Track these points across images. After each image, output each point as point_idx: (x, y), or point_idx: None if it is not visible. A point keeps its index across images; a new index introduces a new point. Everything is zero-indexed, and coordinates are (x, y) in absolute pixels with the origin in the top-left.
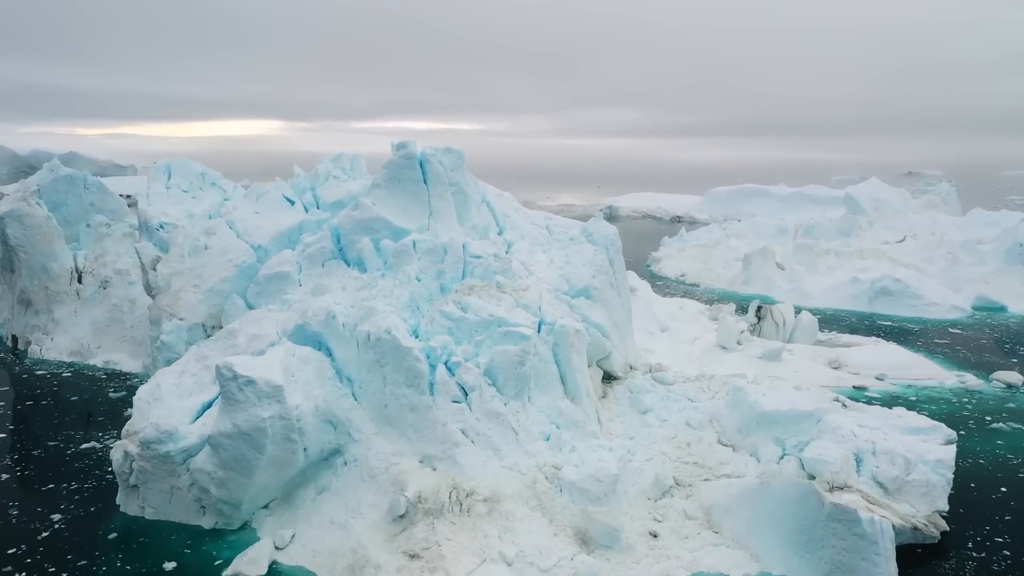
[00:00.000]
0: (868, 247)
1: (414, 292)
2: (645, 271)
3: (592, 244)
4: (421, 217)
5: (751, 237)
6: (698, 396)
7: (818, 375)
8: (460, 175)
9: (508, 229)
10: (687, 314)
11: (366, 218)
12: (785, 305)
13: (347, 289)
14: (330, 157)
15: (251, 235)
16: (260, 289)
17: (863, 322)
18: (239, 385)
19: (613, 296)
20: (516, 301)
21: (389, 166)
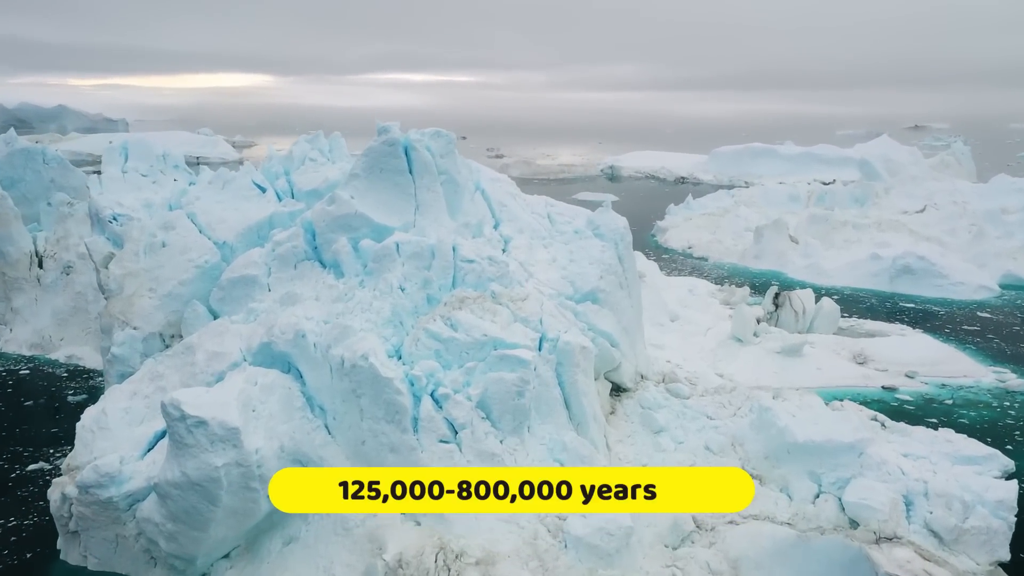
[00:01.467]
0: (886, 218)
1: (397, 305)
2: (650, 241)
3: (599, 239)
4: (406, 212)
5: (761, 205)
6: (718, 413)
7: (843, 372)
8: (451, 161)
9: (505, 221)
10: (698, 300)
11: (343, 214)
12: (805, 292)
13: (320, 300)
14: (306, 137)
15: (215, 230)
16: (224, 294)
17: (884, 304)
18: (188, 427)
19: (623, 298)
20: (514, 314)
21: (369, 154)
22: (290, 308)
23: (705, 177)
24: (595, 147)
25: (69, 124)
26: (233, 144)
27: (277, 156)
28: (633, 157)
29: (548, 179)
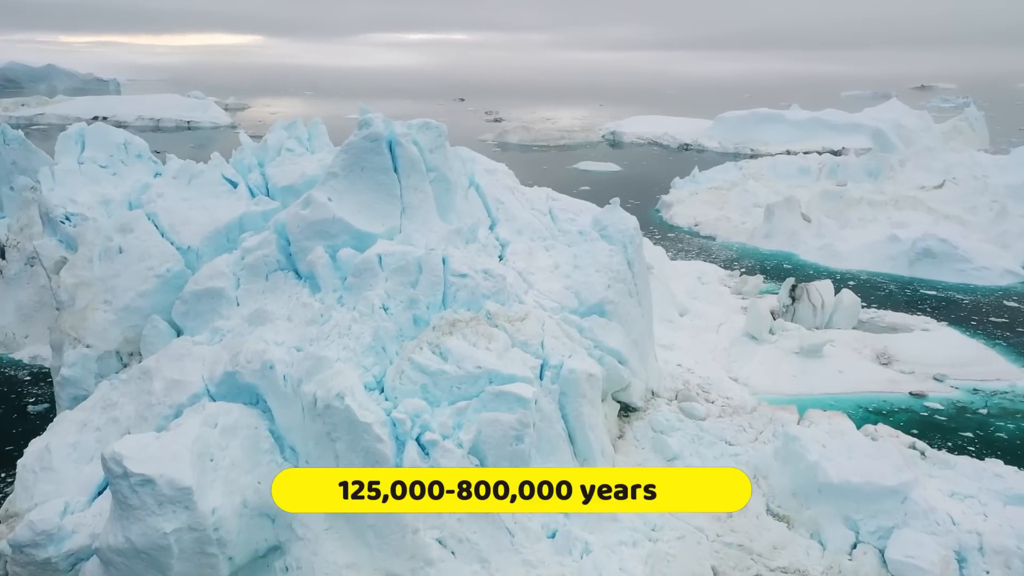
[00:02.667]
0: (903, 193)
1: (379, 328)
2: (655, 217)
3: (606, 241)
4: (391, 216)
5: (770, 178)
6: (737, 437)
7: (866, 376)
8: (441, 156)
9: (502, 221)
10: (708, 290)
11: (319, 220)
12: (823, 283)
13: (293, 320)
14: (282, 123)
15: (179, 233)
16: (187, 308)
17: (904, 290)
18: (132, 486)
19: (632, 308)
20: (511, 337)
21: (349, 150)
22: (259, 329)
23: (710, 144)
24: (596, 110)
25: (59, 84)
26: (226, 107)
27: (250, 146)
28: (635, 122)
29: (548, 146)
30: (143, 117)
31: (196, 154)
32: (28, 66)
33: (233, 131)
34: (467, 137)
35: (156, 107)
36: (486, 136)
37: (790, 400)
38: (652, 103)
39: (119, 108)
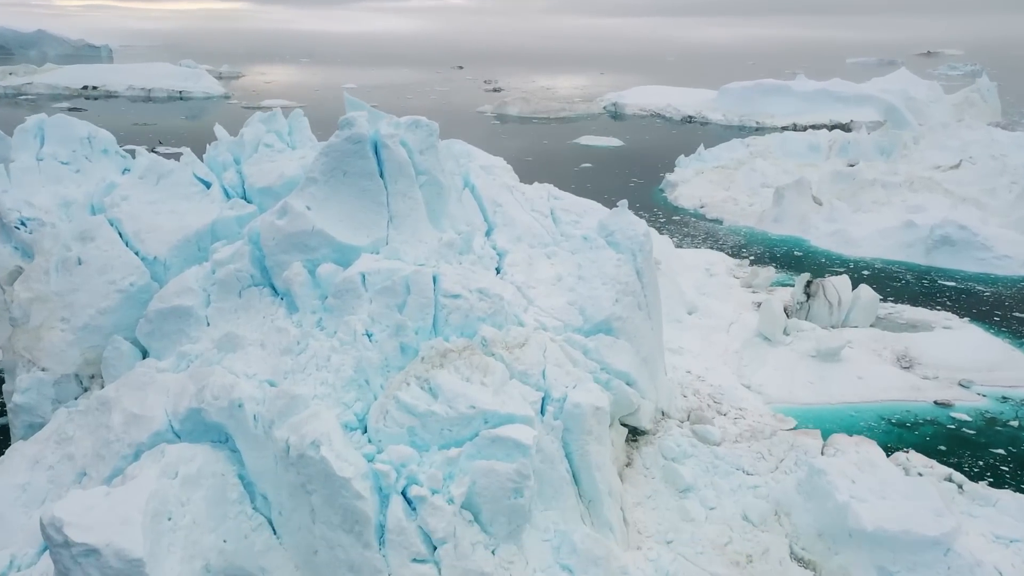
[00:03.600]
0: (918, 174)
1: (361, 358)
2: (658, 198)
3: (613, 248)
4: (376, 226)
5: (778, 156)
6: (756, 466)
7: (887, 382)
8: (432, 157)
9: (500, 227)
10: (717, 283)
11: (297, 232)
12: (840, 279)
13: (267, 347)
14: (260, 116)
15: (144, 241)
16: (152, 328)
17: (921, 281)
18: (74, 556)
19: (642, 322)
20: (509, 367)
21: (329, 152)
22: (229, 357)
23: (714, 116)
24: (596, 78)
25: (49, 51)
26: (219, 75)
27: (226, 140)
28: (637, 93)
29: (548, 118)
30: (134, 87)
31: (188, 126)
32: (18, 31)
33: (226, 101)
34: (465, 108)
35: (147, 76)
36: (485, 107)
37: (807, 410)
38: (653, 71)
39: (109, 77)
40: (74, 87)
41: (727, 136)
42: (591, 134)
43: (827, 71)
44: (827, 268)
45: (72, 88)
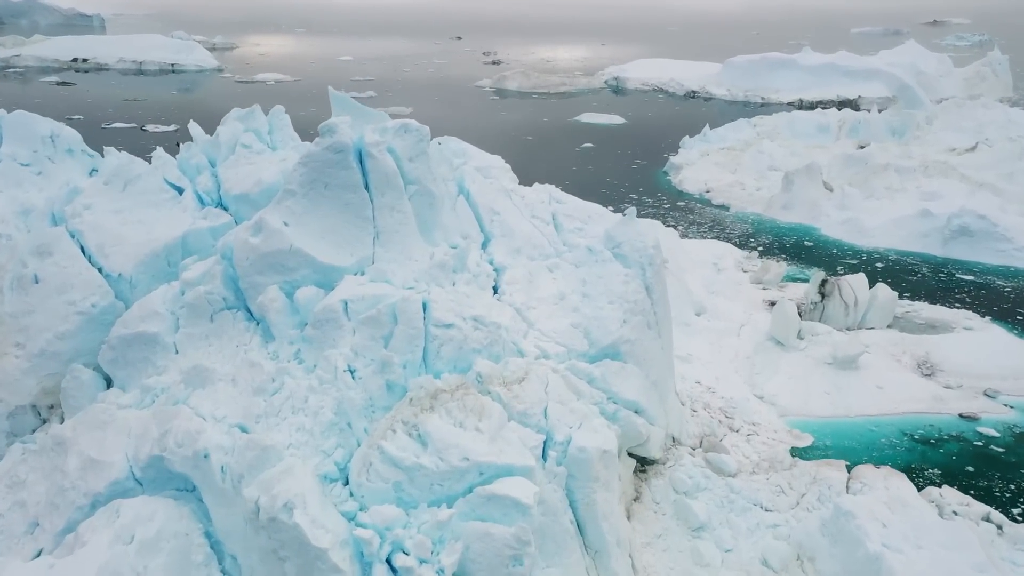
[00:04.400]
0: (932, 158)
1: (343, 399)
2: (662, 181)
3: (620, 262)
4: (361, 243)
5: (786, 137)
6: (775, 502)
7: (908, 392)
8: (423, 165)
9: (497, 237)
10: (726, 279)
11: (273, 251)
12: (856, 278)
13: (238, 384)
14: (237, 113)
15: (108, 256)
16: (115, 356)
17: (938, 275)
18: None
19: (651, 342)
20: (507, 407)
21: (309, 162)
22: (196, 393)
23: (718, 91)
24: (597, 49)
25: (40, 20)
26: (212, 47)
27: (201, 140)
28: (639, 67)
29: (548, 93)
30: (125, 60)
31: (179, 102)
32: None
33: (219, 75)
34: (464, 82)
35: (139, 49)
36: (484, 82)
37: (823, 424)
38: (656, 41)
39: (100, 50)
40: (64, 59)
41: (731, 112)
42: (592, 111)
43: (833, 42)
44: (839, 260)
45: (62, 61)
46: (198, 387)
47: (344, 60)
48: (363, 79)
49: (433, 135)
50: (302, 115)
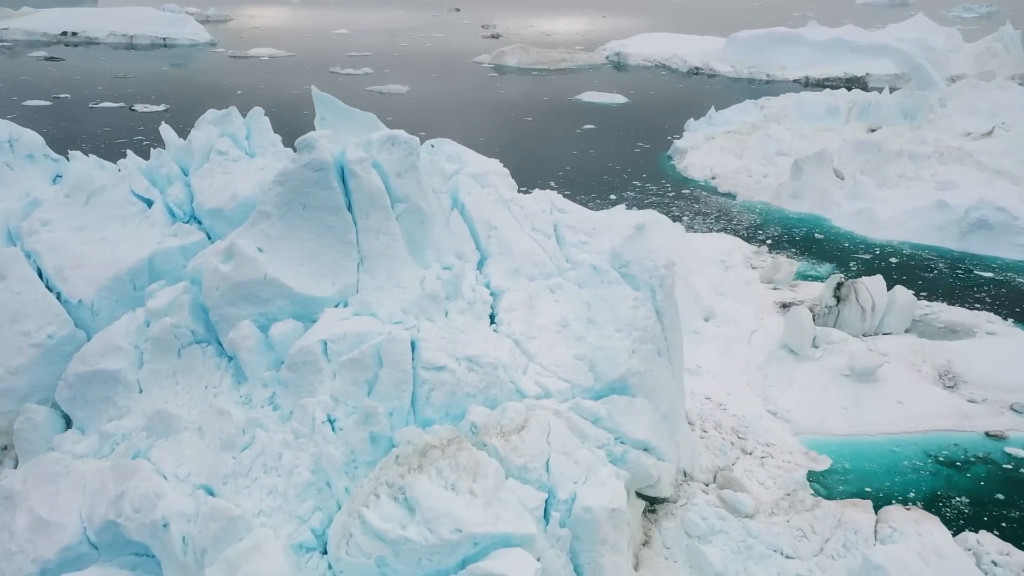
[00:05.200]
0: (947, 143)
1: (321, 456)
2: (666, 167)
3: (629, 284)
4: (344, 270)
5: (794, 119)
6: (796, 548)
7: (930, 407)
8: (413, 180)
9: (494, 255)
10: (736, 278)
11: (246, 280)
12: (874, 280)
13: (206, 436)
14: (212, 116)
15: (68, 280)
16: (73, 395)
17: (955, 270)
18: None
19: (662, 371)
20: (505, 462)
21: (285, 181)
22: (160, 443)
23: (722, 68)
24: (598, 22)
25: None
26: (206, 19)
27: (173, 145)
28: (641, 42)
29: (548, 69)
30: (115, 33)
31: (170, 79)
32: None
33: (212, 49)
34: (462, 58)
35: (130, 22)
36: (482, 57)
37: (842, 444)
38: (657, 13)
39: (90, 23)
40: (53, 33)
41: (736, 90)
42: (593, 89)
43: (838, 14)
44: (851, 254)
45: (51, 34)
46: (161, 436)
47: (340, 33)
48: (359, 54)
49: (430, 117)
50: (295, 94)
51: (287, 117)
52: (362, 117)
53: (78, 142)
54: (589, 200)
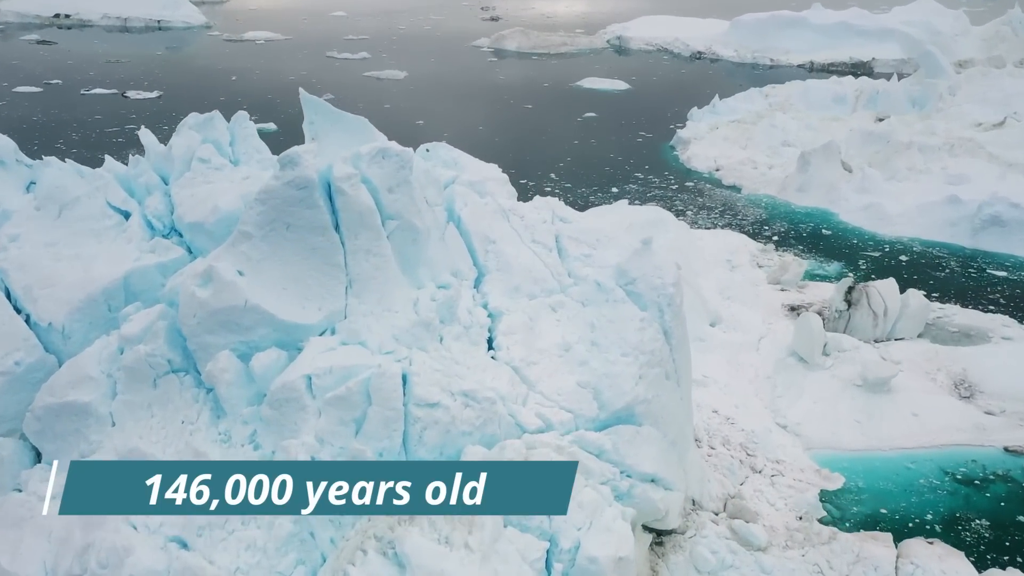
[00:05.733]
0: (958, 134)
1: None
2: (669, 157)
3: (635, 303)
4: (332, 295)
5: (800, 108)
6: None
7: (946, 419)
8: (406, 195)
9: (493, 272)
10: (742, 279)
11: (225, 307)
12: (886, 284)
13: None
14: (194, 120)
15: (37, 301)
16: (42, 427)
17: (968, 269)
18: None
19: (670, 395)
20: None
21: (267, 199)
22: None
23: (725, 52)
24: (599, 3)
25: None
26: (201, 2)
27: (153, 152)
28: (643, 25)
29: (548, 54)
30: (109, 16)
31: (165, 63)
32: None
33: (207, 32)
34: (461, 41)
35: (123, 4)
36: (482, 41)
37: (854, 460)
38: None
39: (82, 5)
40: (45, 15)
41: (739, 75)
42: (594, 75)
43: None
44: (859, 252)
45: (43, 16)
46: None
47: (337, 16)
48: (356, 38)
49: (428, 105)
50: (291, 79)
51: (282, 105)
52: (353, 121)
53: (68, 131)
54: (591, 193)
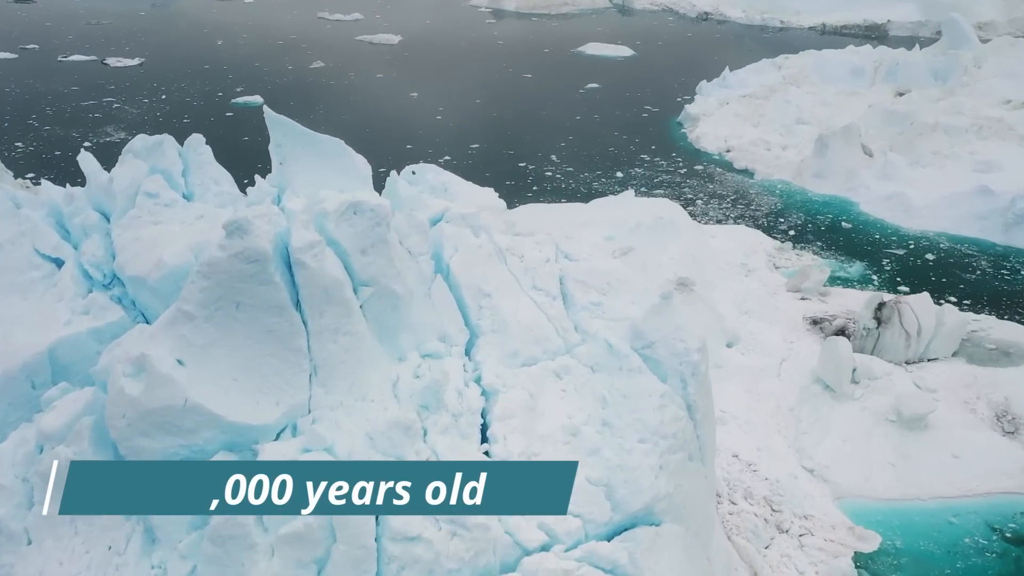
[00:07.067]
0: (985, 113)
1: None
2: (677, 136)
3: (654, 372)
4: (292, 386)
5: (815, 82)
6: None
7: (991, 463)
8: (383, 255)
9: (487, 333)
10: (761, 290)
11: (162, 407)
12: (919, 299)
13: None
14: (140, 144)
15: None
16: None
17: (1000, 269)
18: None
19: (693, 479)
20: None
21: (211, 274)
22: None
23: (732, 13)
24: None
25: None
26: None
27: (95, 183)
28: None
29: (549, 14)
30: None
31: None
32: None
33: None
34: (457, 2)
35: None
36: (479, 1)
37: (890, 513)
38: None
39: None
40: None
41: (748, 37)
42: (597, 40)
43: None
44: (883, 249)
45: None
46: None
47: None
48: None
49: (422, 75)
50: (280, 44)
51: (270, 75)
52: (325, 143)
53: (43, 104)
54: (594, 179)
